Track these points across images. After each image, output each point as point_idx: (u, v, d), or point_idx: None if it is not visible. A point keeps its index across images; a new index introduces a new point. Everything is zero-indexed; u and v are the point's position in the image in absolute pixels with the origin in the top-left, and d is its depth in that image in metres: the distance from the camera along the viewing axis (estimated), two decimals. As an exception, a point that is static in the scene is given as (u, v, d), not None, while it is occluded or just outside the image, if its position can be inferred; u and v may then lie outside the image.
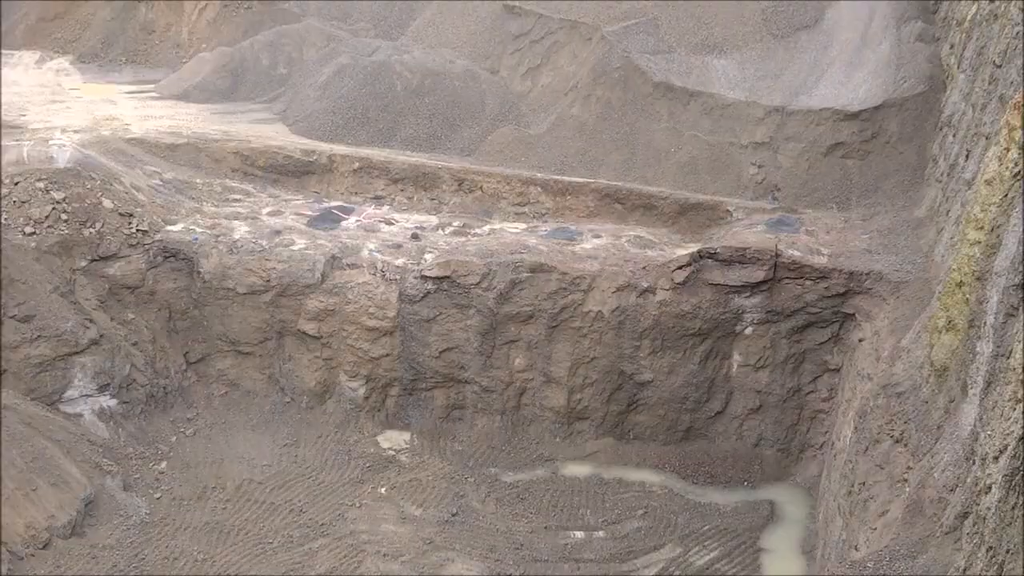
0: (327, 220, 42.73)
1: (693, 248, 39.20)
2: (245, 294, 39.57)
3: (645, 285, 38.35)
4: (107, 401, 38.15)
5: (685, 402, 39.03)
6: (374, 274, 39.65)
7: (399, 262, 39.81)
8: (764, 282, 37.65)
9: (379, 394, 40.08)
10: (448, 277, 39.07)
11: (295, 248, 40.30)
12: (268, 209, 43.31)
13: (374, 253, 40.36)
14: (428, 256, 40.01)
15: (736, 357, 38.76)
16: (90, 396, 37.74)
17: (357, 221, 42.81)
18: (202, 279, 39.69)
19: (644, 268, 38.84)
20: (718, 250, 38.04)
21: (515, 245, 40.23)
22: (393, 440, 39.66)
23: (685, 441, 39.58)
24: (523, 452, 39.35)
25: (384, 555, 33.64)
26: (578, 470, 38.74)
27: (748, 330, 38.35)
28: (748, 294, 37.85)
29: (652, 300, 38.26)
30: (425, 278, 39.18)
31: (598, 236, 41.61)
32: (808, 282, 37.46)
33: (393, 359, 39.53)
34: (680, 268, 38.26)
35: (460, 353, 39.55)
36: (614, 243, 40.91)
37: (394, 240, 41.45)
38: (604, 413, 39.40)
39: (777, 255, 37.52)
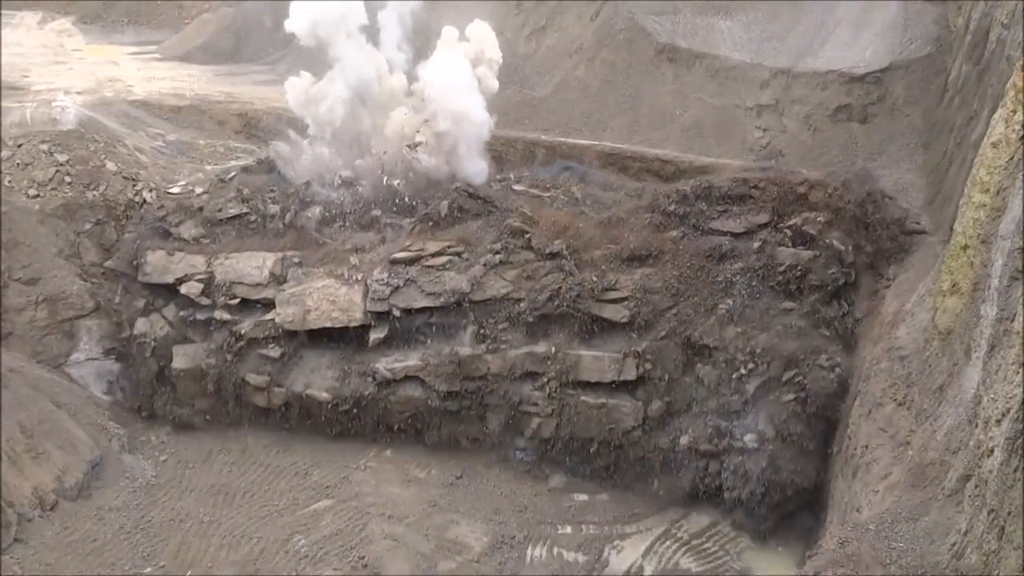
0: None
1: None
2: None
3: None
4: (113, 364, 38.25)
5: None
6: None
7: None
8: (766, 225, 35.66)
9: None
10: None
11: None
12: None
13: None
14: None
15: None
16: (96, 359, 37.82)
17: None
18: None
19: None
20: (716, 182, 36.48)
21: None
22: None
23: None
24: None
25: (389, 517, 33.79)
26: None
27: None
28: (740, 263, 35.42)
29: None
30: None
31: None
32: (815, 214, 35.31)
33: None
34: (671, 201, 36.64)
35: None
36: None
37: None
38: None
39: (783, 185, 35.80)
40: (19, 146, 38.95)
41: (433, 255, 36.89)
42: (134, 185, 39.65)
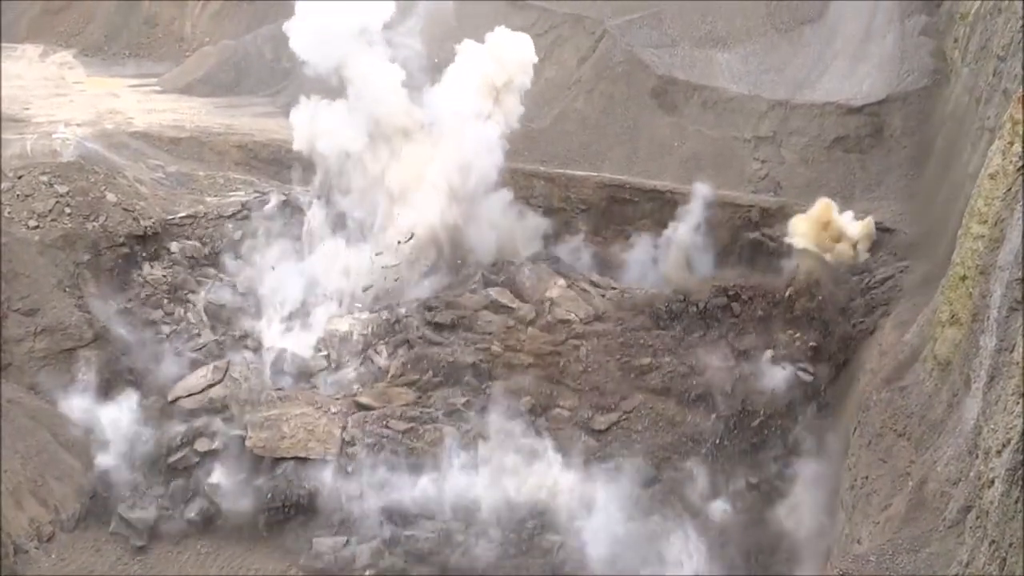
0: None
1: None
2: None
3: None
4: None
5: None
6: None
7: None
8: (746, 354, 34.67)
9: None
10: None
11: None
12: (271, 202, 43.22)
13: None
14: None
15: None
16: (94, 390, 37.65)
17: None
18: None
19: None
20: (693, 296, 35.40)
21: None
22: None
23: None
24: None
25: (387, 549, 33.65)
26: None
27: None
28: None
29: None
30: None
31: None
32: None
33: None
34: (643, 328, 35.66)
35: None
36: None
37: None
38: None
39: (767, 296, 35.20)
40: (19, 177, 39.00)
41: (401, 406, 35.40)
42: (135, 218, 39.70)
